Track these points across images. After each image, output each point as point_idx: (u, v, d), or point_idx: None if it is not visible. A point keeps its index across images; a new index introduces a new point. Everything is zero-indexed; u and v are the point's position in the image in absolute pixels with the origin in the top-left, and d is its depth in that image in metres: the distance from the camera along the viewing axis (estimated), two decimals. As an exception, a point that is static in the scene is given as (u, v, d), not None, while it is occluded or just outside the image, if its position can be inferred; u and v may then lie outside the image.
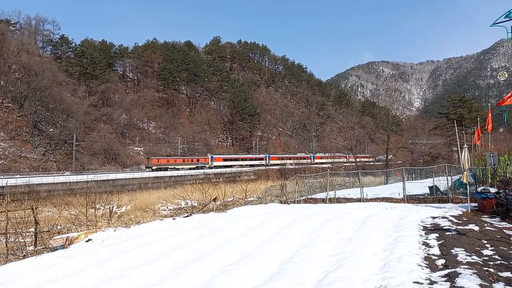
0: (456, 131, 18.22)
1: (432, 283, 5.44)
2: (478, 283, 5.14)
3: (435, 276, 5.74)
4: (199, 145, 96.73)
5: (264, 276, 6.25)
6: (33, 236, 12.81)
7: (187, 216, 14.45)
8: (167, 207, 33.56)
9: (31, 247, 11.51)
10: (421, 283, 5.42)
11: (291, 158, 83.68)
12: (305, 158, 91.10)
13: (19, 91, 69.50)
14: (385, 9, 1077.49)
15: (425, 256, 6.87)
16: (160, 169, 69.85)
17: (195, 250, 8.28)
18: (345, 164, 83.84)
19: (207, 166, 78.12)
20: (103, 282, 6.30)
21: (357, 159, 60.38)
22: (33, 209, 12.74)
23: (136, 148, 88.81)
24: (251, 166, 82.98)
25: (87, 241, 10.04)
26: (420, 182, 24.28)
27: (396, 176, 32.03)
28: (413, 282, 5.44)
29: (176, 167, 73.20)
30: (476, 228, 9.40)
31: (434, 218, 11.43)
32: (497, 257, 6.55)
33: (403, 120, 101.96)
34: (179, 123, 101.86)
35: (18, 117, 67.05)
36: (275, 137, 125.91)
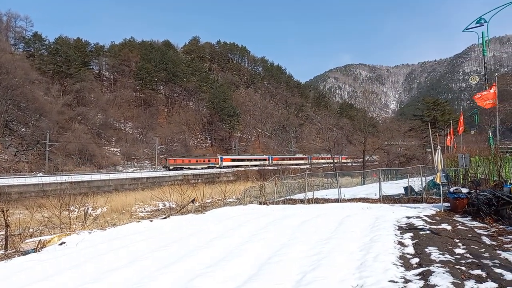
0: (430, 133, 18.73)
1: (407, 281, 5.56)
2: (451, 281, 5.29)
3: (409, 274, 5.88)
4: (177, 146, 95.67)
5: (243, 277, 6.24)
6: (3, 240, 12.34)
7: (165, 218, 14.28)
8: (144, 209, 33.01)
9: (1, 251, 11.11)
10: (396, 282, 5.54)
11: (290, 159, 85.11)
12: (303, 159, 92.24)
13: (-12, 89, 66.84)
14: (363, 13, 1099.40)
15: (400, 255, 7.03)
16: (176, 169, 75.16)
17: (173, 252, 8.18)
18: (323, 165, 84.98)
19: (217, 166, 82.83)
20: (77, 286, 6.13)
21: (335, 160, 61.26)
22: (3, 211, 12.27)
23: (112, 149, 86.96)
24: (255, 166, 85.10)
25: (60, 244, 9.77)
26: (396, 182, 24.84)
27: (372, 177, 32.64)
28: (389, 281, 5.55)
29: (190, 166, 78.25)
30: (448, 228, 9.69)
31: (409, 218, 11.71)
32: (468, 255, 6.77)
33: (380, 122, 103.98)
34: (157, 123, 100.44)
35: (-12, 116, 64.50)
36: (255, 138, 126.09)
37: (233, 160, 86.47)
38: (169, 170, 74.10)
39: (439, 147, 14.05)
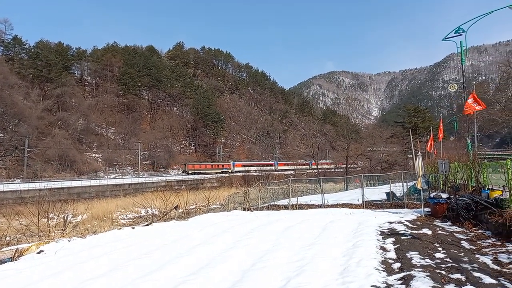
0: (411, 139, 19.08)
1: (389, 286, 5.63)
2: (431, 285, 5.38)
3: (391, 279, 5.94)
4: (160, 152, 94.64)
5: (226, 284, 6.19)
6: (-22, 249, 11.90)
7: (147, 225, 14.08)
8: (126, 216, 32.47)
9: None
10: (378, 287, 5.60)
11: (294, 165, 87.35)
12: (304, 165, 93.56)
13: (-35, 93, 64.88)
14: (346, 20, 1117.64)
15: (382, 260, 7.10)
16: (194, 173, 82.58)
17: (155, 260, 8.06)
18: (307, 171, 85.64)
19: (229, 171, 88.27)
20: (55, 296, 5.96)
21: (319, 166, 61.72)
22: (-22, 219, 11.86)
23: (93, 155, 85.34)
24: (263, 171, 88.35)
25: (38, 252, 9.50)
26: (378, 188, 25.20)
27: (355, 183, 33.01)
28: (371, 286, 5.60)
29: (206, 171, 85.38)
30: (429, 232, 9.86)
31: (390, 223, 11.87)
32: (448, 259, 6.90)
33: (362, 128, 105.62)
34: (140, 129, 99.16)
35: (-37, 121, 62.50)
36: (239, 144, 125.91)
37: (244, 166, 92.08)
38: (188, 174, 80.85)
39: (419, 153, 14.33)
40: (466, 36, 16.76)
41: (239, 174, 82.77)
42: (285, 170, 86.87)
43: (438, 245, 8.24)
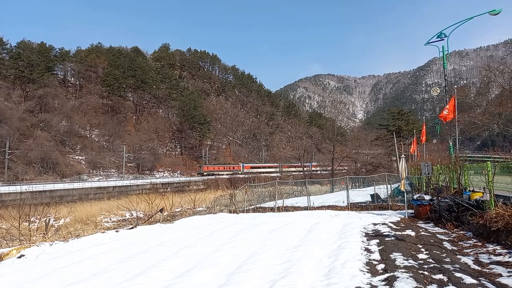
0: (395, 142, 19.38)
1: (373, 287, 5.69)
2: (414, 286, 5.46)
3: (375, 280, 6.01)
4: (146, 154, 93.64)
5: (212, 287, 6.16)
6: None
7: (132, 228, 13.91)
8: (110, 219, 32.00)
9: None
10: (363, 288, 5.65)
11: (296, 167, 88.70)
12: (306, 167, 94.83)
13: None
14: (331, 24, 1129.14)
15: (366, 262, 7.18)
16: (209, 174, 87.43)
17: (140, 264, 7.96)
18: (293, 173, 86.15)
19: (239, 172, 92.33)
20: (35, 302, 5.82)
21: (305, 168, 62.05)
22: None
23: (77, 157, 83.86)
24: (269, 172, 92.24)
25: (19, 257, 9.28)
26: (363, 190, 25.47)
27: (341, 185, 33.31)
28: (356, 287, 5.65)
29: (220, 173, 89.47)
30: (412, 234, 10.02)
31: (375, 224, 12.01)
32: (431, 260, 7.01)
33: (348, 131, 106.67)
34: (124, 131, 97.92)
35: None
36: (225, 146, 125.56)
37: (252, 168, 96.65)
38: (203, 176, 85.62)
39: (403, 155, 14.56)
40: (448, 41, 17.15)
41: (247, 175, 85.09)
42: (289, 172, 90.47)
43: (421, 246, 8.37)
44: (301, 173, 64.83)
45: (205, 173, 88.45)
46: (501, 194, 9.51)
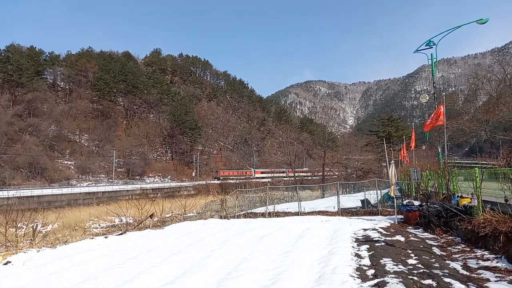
0: (385, 148, 19.58)
1: (363, 292, 5.71)
2: (404, 291, 5.49)
3: (365, 286, 6.03)
4: (136, 159, 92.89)
5: (202, 294, 6.11)
6: None
7: (121, 234, 13.77)
8: (99, 225, 31.57)
9: None
10: (353, 293, 5.67)
11: (302, 172, 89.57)
12: (310, 171, 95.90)
13: None
14: (323, 32, 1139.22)
15: (357, 267, 7.20)
16: (224, 179, 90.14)
17: (129, 270, 7.86)
18: (284, 179, 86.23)
19: (251, 177, 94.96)
20: (21, 310, 5.71)
21: (296, 174, 62.18)
22: None
23: (66, 162, 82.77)
24: (277, 177, 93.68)
25: (5, 263, 9.11)
26: (354, 195, 25.61)
27: (331, 190, 33.44)
28: (346, 293, 5.67)
29: (233, 177, 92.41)
30: (402, 239, 10.09)
31: (365, 230, 12.08)
32: (420, 265, 7.07)
33: (338, 137, 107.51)
34: (115, 135, 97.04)
35: None
36: (217, 151, 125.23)
37: (262, 173, 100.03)
38: (219, 180, 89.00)
39: (393, 161, 14.69)
40: (437, 49, 17.46)
41: (259, 180, 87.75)
42: (281, 177, 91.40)
43: (410, 251, 8.44)
44: (292, 178, 64.94)
45: (221, 178, 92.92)
46: (489, 199, 9.64)
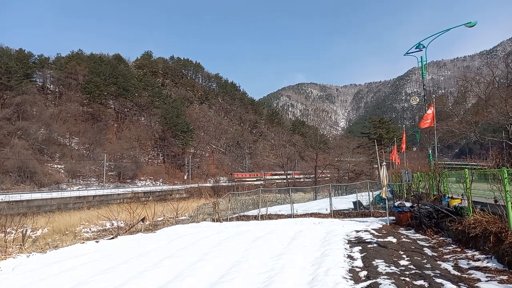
0: (376, 149, 19.71)
1: (356, 294, 5.71)
2: (396, 292, 5.51)
3: (358, 287, 6.04)
4: (127, 162, 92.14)
5: (194, 298, 6.06)
6: None
7: (112, 238, 13.62)
8: (90, 229, 31.16)
9: None
10: (346, 295, 5.67)
11: (296, 174, 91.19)
12: (303, 173, 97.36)
13: None
14: (315, 35, 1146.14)
15: (349, 269, 7.22)
16: (239, 181, 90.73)
17: (120, 275, 7.77)
18: (276, 181, 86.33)
19: (261, 179, 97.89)
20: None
21: (288, 176, 62.27)
22: None
23: (55, 166, 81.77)
24: (283, 179, 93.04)
25: (-7, 270, 8.92)
26: (346, 197, 25.70)
27: (324, 192, 33.53)
28: (339, 295, 5.67)
29: (247, 179, 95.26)
30: (394, 240, 10.15)
31: (357, 231, 12.12)
32: (412, 266, 7.11)
33: (330, 139, 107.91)
34: (105, 139, 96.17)
35: None
36: (209, 154, 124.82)
37: (272, 175, 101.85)
38: (234, 182, 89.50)
39: (384, 163, 14.79)
40: (426, 52, 17.65)
41: (269, 182, 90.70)
42: (273, 179, 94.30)
43: (402, 252, 8.48)
44: (285, 180, 65.02)
45: (236, 180, 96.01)
46: (478, 200, 9.74)
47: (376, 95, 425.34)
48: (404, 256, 8.09)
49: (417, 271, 6.74)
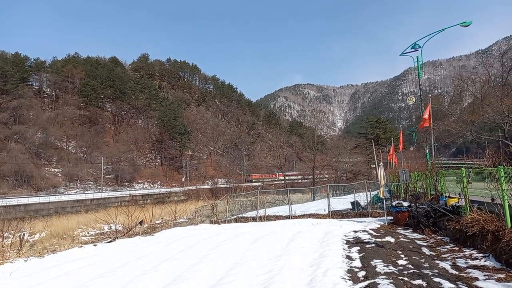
0: (374, 150, 19.76)
1: (355, 295, 5.72)
2: (395, 292, 5.53)
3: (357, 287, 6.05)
4: (125, 165, 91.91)
5: (193, 301, 6.05)
6: None
7: (110, 242, 13.59)
8: (88, 233, 31.08)
9: None
10: (345, 296, 5.68)
11: (293, 175, 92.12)
12: (300, 174, 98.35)
13: None
14: (312, 36, 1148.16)
15: (348, 269, 7.23)
16: (257, 181, 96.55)
17: (118, 279, 7.75)
18: (275, 182, 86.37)
19: (276, 179, 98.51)
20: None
21: (286, 177, 62.28)
22: None
23: (53, 170, 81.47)
24: (298, 180, 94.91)
25: (-10, 275, 8.88)
26: (344, 198, 25.72)
27: (322, 193, 33.57)
28: (338, 295, 5.68)
29: (264, 180, 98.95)
30: (392, 240, 10.17)
31: (356, 232, 12.14)
32: (410, 266, 7.13)
33: (328, 139, 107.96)
34: (103, 142, 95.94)
35: None
36: (206, 156, 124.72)
37: (285, 175, 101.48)
38: (251, 182, 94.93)
39: (381, 163, 14.82)
40: (422, 52, 17.72)
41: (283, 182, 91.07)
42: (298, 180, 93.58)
43: (400, 252, 8.50)
44: (283, 182, 65.05)
45: (253, 180, 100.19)
46: (476, 199, 9.78)
47: (373, 95, 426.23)
48: (402, 255, 8.11)
49: (415, 270, 6.76)
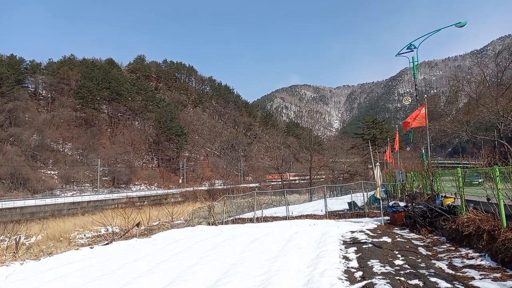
0: (371, 150, 19.80)
1: (352, 295, 5.74)
2: (391, 292, 5.54)
3: (354, 288, 6.07)
4: (121, 167, 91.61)
5: (190, 303, 6.04)
6: None
7: (107, 244, 13.54)
8: (84, 235, 30.95)
9: None
10: (342, 296, 5.69)
11: (291, 176, 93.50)
12: (298, 175, 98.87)
13: None
14: (309, 37, 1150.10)
15: (345, 270, 7.24)
16: (269, 181, 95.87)
17: (115, 281, 7.73)
18: (272, 183, 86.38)
19: (286, 180, 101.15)
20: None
21: (283, 178, 62.31)
22: None
23: (49, 172, 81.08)
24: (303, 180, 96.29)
25: (-14, 279, 8.82)
26: (341, 198, 25.81)
27: (319, 194, 33.62)
28: (335, 296, 5.68)
29: (277, 180, 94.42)
30: (389, 240, 10.20)
31: (353, 232, 12.16)
32: (407, 266, 7.15)
33: (324, 140, 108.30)
34: (99, 144, 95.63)
35: None
36: (203, 157, 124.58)
37: (294, 176, 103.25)
38: (265, 182, 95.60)
39: (378, 163, 14.86)
40: (418, 52, 17.80)
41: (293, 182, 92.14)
42: (268, 181, 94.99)
43: (397, 252, 8.53)
44: (280, 182, 65.06)
45: (267, 180, 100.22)
46: (471, 199, 9.83)
47: (369, 95, 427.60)
48: (399, 255, 8.13)
49: (412, 270, 6.79)
